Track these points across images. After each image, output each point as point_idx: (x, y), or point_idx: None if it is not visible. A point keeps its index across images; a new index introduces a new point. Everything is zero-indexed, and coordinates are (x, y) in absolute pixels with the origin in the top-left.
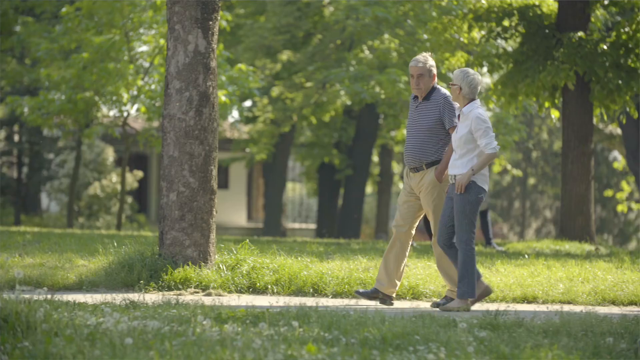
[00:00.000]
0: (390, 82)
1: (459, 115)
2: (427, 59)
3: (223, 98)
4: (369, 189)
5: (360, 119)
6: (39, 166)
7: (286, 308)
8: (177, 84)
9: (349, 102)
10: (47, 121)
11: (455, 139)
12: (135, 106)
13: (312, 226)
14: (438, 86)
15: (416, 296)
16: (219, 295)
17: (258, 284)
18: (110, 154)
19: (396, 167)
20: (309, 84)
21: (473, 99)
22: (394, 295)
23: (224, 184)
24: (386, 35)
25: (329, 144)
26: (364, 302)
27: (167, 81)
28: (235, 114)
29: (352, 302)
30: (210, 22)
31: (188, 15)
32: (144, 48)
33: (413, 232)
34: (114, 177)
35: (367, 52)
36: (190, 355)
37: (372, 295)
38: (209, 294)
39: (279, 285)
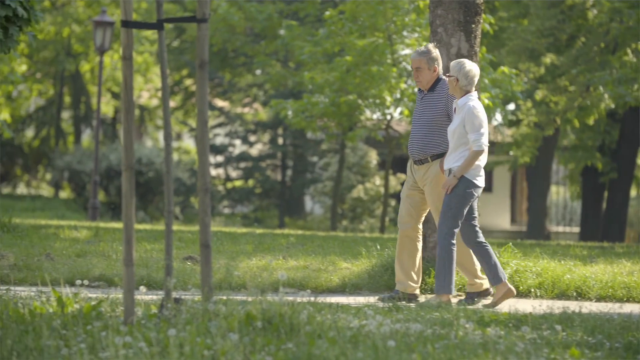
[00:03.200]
0: None
1: (455, 108)
2: (428, 51)
3: (486, 101)
4: (634, 192)
5: (624, 122)
6: (302, 169)
7: (549, 312)
8: None
9: (612, 106)
10: (310, 124)
11: (449, 131)
12: (399, 109)
13: (576, 229)
14: (444, 77)
15: None
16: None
17: (521, 287)
18: (373, 157)
19: None
20: (572, 87)
21: (469, 91)
22: (417, 292)
23: (487, 187)
24: None
25: (592, 147)
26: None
27: None
28: (498, 117)
29: (616, 305)
30: (473, 25)
31: (451, 19)
32: (407, 51)
33: (420, 227)
34: (378, 180)
35: (631, 55)
36: (453, 358)
37: (393, 298)
38: None
39: (542, 288)
